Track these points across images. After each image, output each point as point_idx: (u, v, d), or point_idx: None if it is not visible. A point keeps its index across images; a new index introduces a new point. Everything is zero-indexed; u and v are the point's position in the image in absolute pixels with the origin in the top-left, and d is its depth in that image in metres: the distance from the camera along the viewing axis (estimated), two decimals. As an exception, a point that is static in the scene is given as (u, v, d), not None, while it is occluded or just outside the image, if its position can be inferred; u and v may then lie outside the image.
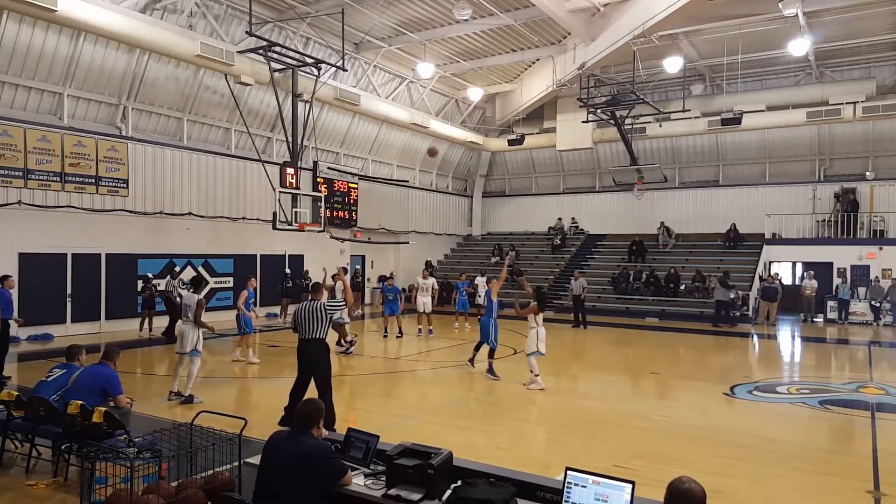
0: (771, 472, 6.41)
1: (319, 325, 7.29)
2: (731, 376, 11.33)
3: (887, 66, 21.66)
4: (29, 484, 5.60)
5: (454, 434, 7.48)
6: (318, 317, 7.29)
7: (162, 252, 17.21)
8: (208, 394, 9.88)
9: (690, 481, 2.90)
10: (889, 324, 19.57)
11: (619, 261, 24.54)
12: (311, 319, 7.29)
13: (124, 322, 16.05)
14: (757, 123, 21.90)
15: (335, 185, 21.92)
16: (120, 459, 4.50)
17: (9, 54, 13.79)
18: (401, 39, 19.40)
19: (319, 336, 7.31)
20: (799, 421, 8.71)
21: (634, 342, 15.36)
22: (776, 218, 22.78)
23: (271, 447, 3.94)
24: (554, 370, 12.43)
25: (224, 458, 4.84)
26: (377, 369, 12.18)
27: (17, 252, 14.26)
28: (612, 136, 23.28)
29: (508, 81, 24.16)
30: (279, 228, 16.07)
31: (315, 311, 7.32)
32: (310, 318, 7.29)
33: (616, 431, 7.86)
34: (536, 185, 29.50)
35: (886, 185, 21.83)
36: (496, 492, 3.63)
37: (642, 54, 19.44)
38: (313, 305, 7.37)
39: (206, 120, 18.41)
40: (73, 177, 15.06)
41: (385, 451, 4.07)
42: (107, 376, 6.12)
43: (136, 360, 12.49)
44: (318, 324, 7.29)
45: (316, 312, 7.31)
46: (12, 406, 6.06)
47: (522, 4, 17.25)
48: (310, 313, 7.31)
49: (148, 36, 13.89)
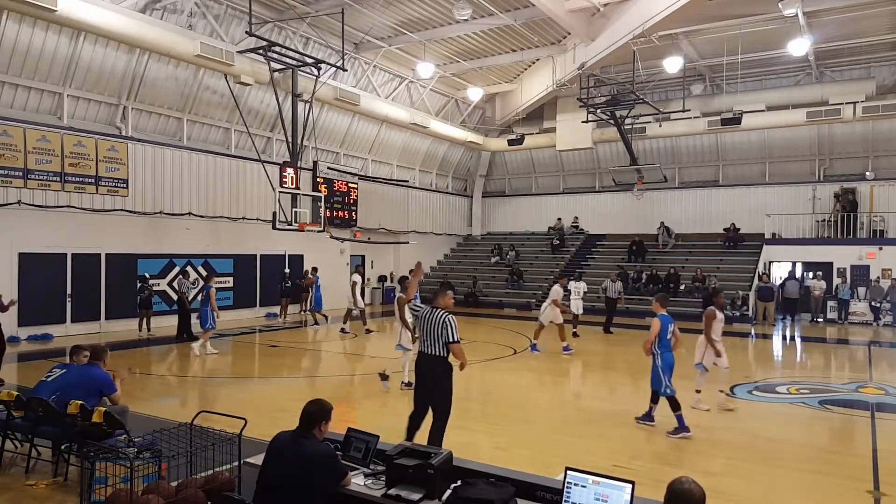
0: (771, 472, 6.41)
1: (440, 338, 6.07)
2: (730, 376, 11.32)
3: (887, 66, 21.66)
4: (29, 484, 5.60)
5: (454, 434, 7.46)
6: (440, 328, 6.07)
7: (162, 252, 17.21)
8: (208, 394, 9.89)
9: (690, 481, 2.90)
10: (889, 324, 19.56)
11: (618, 261, 24.53)
12: (433, 330, 6.10)
13: (124, 322, 16.05)
14: (757, 123, 21.90)
15: (335, 185, 21.92)
16: (120, 459, 4.50)
17: (9, 54, 13.78)
18: (401, 39, 19.39)
19: (440, 353, 6.08)
20: (799, 421, 8.71)
21: (634, 342, 15.35)
22: (776, 218, 22.78)
23: (274, 448, 3.96)
24: (553, 370, 12.45)
25: (224, 458, 4.84)
26: (377, 369, 12.16)
27: (16, 252, 14.26)
28: (612, 136, 23.27)
29: (508, 81, 24.16)
30: (279, 228, 16.08)
31: (437, 322, 6.11)
32: (431, 328, 6.12)
33: (616, 431, 7.86)
34: (536, 185, 29.50)
35: (886, 185, 21.83)
36: (496, 492, 3.64)
37: (642, 54, 19.44)
38: (435, 315, 6.15)
39: (206, 120, 18.40)
40: (72, 177, 15.05)
41: (385, 451, 4.07)
42: (100, 378, 6.14)
43: (137, 360, 12.48)
44: (439, 337, 6.07)
45: (438, 322, 6.10)
46: (12, 406, 6.06)
47: (522, 4, 17.25)
48: (430, 322, 6.15)
49: (148, 36, 13.88)
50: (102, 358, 6.38)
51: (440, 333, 6.02)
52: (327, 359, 13.78)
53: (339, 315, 17.58)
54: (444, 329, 6.01)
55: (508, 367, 12.44)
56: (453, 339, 6.01)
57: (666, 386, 7.73)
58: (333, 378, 11.46)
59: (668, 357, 7.87)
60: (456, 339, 6.03)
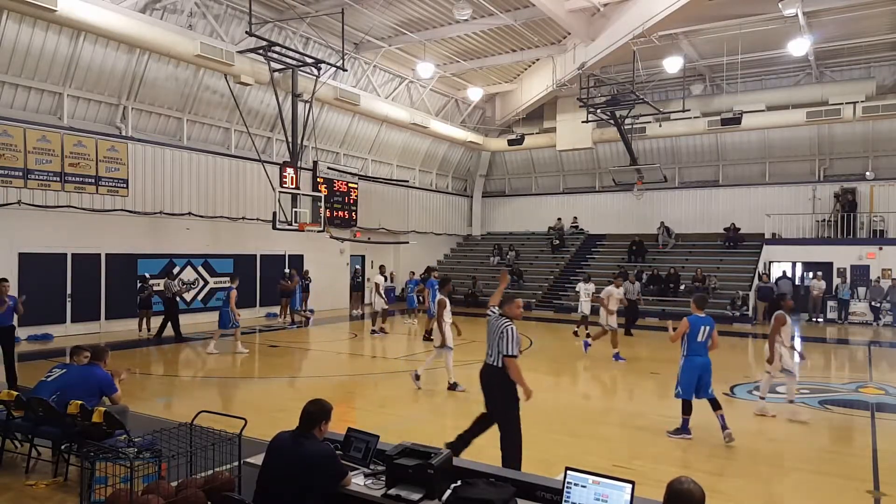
0: (771, 472, 6.42)
1: (498, 348, 5.60)
2: (730, 376, 11.32)
3: (887, 66, 21.66)
4: (29, 484, 5.60)
5: (454, 434, 7.46)
6: (499, 337, 5.59)
7: (162, 252, 17.21)
8: (208, 394, 9.89)
9: (690, 481, 2.91)
10: (889, 324, 19.57)
11: (618, 261, 24.54)
12: (493, 339, 5.68)
13: (124, 322, 16.05)
14: (757, 123, 21.90)
15: (335, 185, 21.92)
16: (120, 459, 4.50)
17: (9, 54, 13.78)
18: (401, 39, 19.40)
19: (497, 363, 5.62)
20: (799, 421, 8.70)
21: (634, 342, 15.36)
22: (776, 218, 22.78)
23: (273, 448, 3.96)
24: (553, 370, 12.44)
25: (224, 458, 4.84)
26: (377, 369, 12.18)
27: (16, 252, 14.26)
28: (612, 136, 23.27)
29: (508, 81, 24.16)
30: (279, 228, 16.09)
31: (497, 330, 5.63)
32: (491, 336, 5.71)
33: (616, 431, 7.86)
34: (536, 185, 29.51)
35: (886, 185, 21.83)
36: (496, 492, 3.63)
37: (642, 54, 19.44)
38: (497, 323, 5.69)
39: (206, 120, 18.40)
40: (72, 177, 15.05)
41: (385, 451, 4.07)
42: (100, 378, 6.15)
43: (137, 361, 12.48)
44: (497, 347, 5.61)
45: (498, 331, 5.61)
46: (12, 406, 6.06)
47: (522, 4, 17.26)
48: (491, 330, 5.72)
49: (148, 36, 13.89)
50: (103, 358, 6.40)
51: (498, 343, 5.56)
52: (327, 359, 13.78)
53: (329, 317, 17.62)
54: (501, 339, 5.53)
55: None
56: (508, 352, 5.47)
57: (677, 388, 7.55)
58: (333, 378, 11.46)
59: (692, 360, 7.53)
60: (511, 353, 5.46)
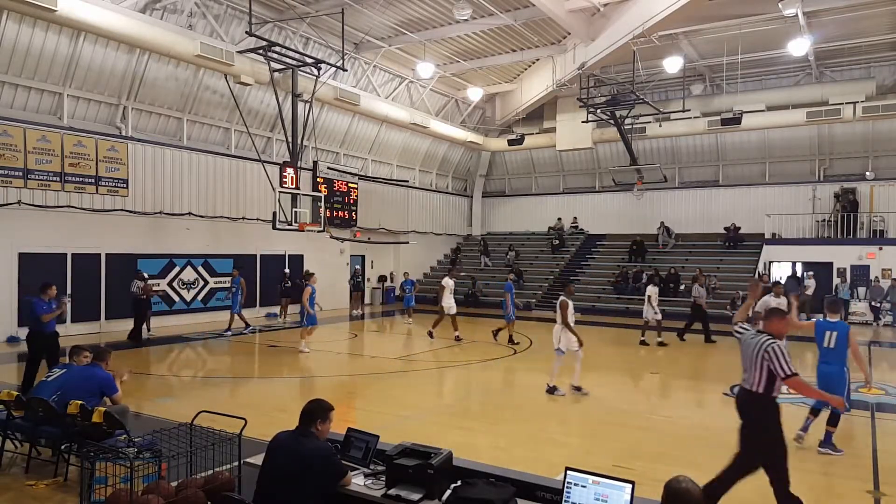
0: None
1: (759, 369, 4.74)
2: (730, 376, 11.32)
3: (887, 66, 21.66)
4: (29, 484, 5.60)
5: (454, 434, 7.48)
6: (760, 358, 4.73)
7: (162, 252, 17.21)
8: (208, 394, 9.89)
9: (687, 481, 2.91)
10: (889, 324, 19.56)
11: (619, 261, 24.55)
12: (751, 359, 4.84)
13: (124, 322, 16.02)
14: (757, 123, 21.91)
15: (335, 185, 21.92)
16: (120, 459, 4.50)
17: (9, 54, 13.79)
18: (401, 39, 19.40)
19: (757, 388, 4.75)
20: (799, 421, 8.70)
21: (634, 342, 15.36)
22: (776, 218, 22.77)
23: (273, 447, 3.96)
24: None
25: (224, 458, 4.84)
26: (377, 369, 12.18)
27: (16, 252, 14.26)
28: (612, 136, 23.28)
29: (508, 81, 24.16)
30: (279, 228, 16.08)
31: (757, 349, 4.78)
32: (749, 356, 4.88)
33: (616, 431, 7.86)
34: (536, 185, 29.51)
35: (886, 185, 21.83)
36: (496, 492, 3.64)
37: (642, 54, 19.44)
38: (756, 341, 4.84)
39: (206, 120, 18.40)
40: (72, 177, 15.05)
41: (385, 451, 4.07)
42: (101, 378, 6.15)
43: (137, 361, 12.48)
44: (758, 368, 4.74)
45: (758, 350, 4.76)
46: (12, 406, 6.07)
47: (522, 4, 17.26)
48: (749, 349, 4.89)
49: (148, 36, 13.89)
50: (105, 359, 6.41)
51: (760, 364, 4.72)
52: (327, 359, 13.78)
53: (330, 317, 17.59)
54: (764, 359, 4.69)
55: (508, 367, 12.44)
56: (785, 372, 4.62)
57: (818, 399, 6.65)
58: (333, 378, 11.46)
59: (818, 368, 7.04)
60: (789, 372, 4.62)
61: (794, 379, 4.65)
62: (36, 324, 9.06)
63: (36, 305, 9.04)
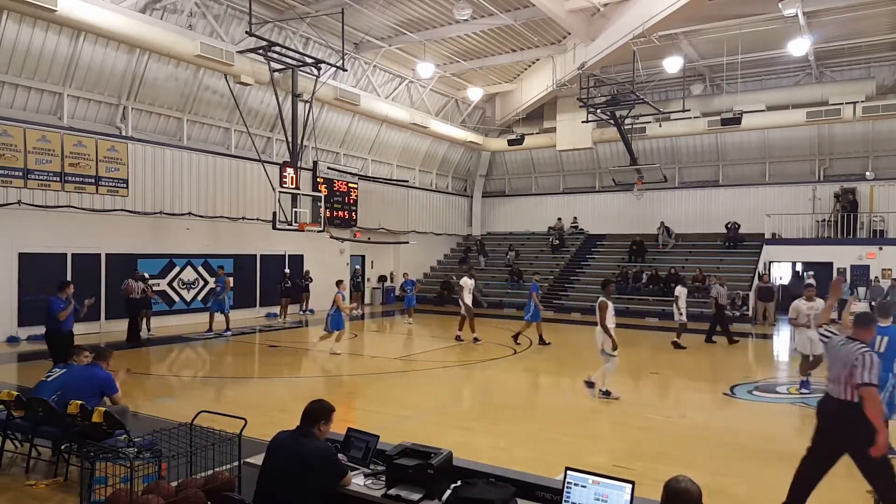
0: (771, 472, 6.41)
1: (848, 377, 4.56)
2: (730, 376, 11.34)
3: (887, 66, 21.66)
4: (29, 484, 5.60)
5: (454, 434, 7.48)
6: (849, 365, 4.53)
7: (162, 252, 17.21)
8: (208, 394, 9.89)
9: (687, 480, 2.91)
10: (889, 324, 19.53)
11: (618, 261, 24.54)
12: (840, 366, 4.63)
13: (124, 322, 16.00)
14: (757, 123, 21.90)
15: (335, 185, 21.92)
16: (120, 459, 4.50)
17: (9, 54, 13.78)
18: (401, 39, 19.40)
19: (847, 397, 4.56)
20: (799, 421, 8.71)
21: (634, 342, 15.35)
22: (776, 218, 22.77)
23: (273, 447, 3.96)
24: (553, 370, 12.45)
25: (224, 458, 4.84)
26: (377, 369, 12.18)
27: (16, 252, 14.26)
28: (612, 136, 23.27)
29: (508, 81, 24.16)
30: (279, 228, 16.08)
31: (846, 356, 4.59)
32: (837, 363, 4.68)
33: (616, 431, 7.86)
34: (536, 185, 29.51)
35: (886, 185, 21.83)
36: (496, 492, 3.64)
37: (642, 54, 19.44)
38: (846, 348, 4.64)
39: (206, 120, 18.40)
40: (72, 177, 15.05)
41: (385, 451, 4.07)
42: (101, 378, 6.15)
43: (137, 360, 12.48)
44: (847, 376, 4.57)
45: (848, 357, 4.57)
46: (12, 406, 6.07)
47: (522, 4, 17.25)
48: (838, 356, 4.70)
49: (148, 36, 13.89)
50: (106, 359, 6.40)
51: (849, 372, 4.47)
52: (327, 359, 13.77)
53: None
54: (853, 366, 4.44)
55: (508, 367, 12.45)
56: (863, 380, 4.39)
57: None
58: (333, 378, 11.46)
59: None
60: (866, 381, 4.40)
61: (871, 389, 4.41)
62: (53, 322, 9.11)
63: (53, 303, 9.12)
